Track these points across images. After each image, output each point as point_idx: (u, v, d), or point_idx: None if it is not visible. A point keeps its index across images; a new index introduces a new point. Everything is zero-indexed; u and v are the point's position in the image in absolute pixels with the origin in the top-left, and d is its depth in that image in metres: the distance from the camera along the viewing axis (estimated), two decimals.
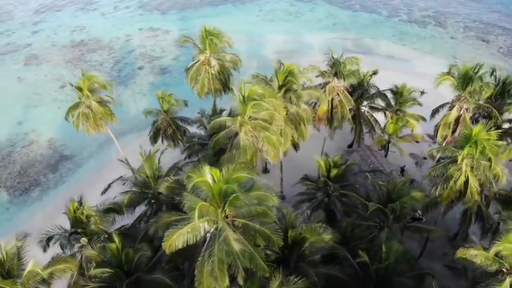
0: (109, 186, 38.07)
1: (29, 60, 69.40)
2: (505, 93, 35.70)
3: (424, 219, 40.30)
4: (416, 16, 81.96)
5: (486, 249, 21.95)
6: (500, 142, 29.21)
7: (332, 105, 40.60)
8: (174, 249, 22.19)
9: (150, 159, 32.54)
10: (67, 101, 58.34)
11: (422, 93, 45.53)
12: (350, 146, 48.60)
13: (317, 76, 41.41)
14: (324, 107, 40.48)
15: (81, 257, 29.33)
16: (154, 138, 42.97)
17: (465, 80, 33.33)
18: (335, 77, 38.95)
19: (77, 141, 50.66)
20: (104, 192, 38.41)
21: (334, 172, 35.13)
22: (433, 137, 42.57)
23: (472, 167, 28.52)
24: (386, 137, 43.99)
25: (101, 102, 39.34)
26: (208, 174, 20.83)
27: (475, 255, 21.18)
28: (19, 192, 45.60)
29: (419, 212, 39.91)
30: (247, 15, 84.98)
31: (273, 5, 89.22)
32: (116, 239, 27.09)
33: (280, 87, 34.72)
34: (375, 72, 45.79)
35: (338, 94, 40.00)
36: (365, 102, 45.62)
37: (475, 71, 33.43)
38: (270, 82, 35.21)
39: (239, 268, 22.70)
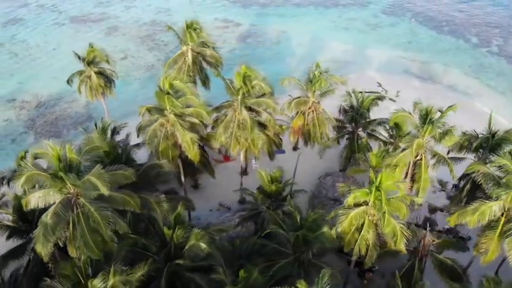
0: None
1: (109, 30, 78.24)
2: (487, 147, 29.86)
3: (376, 267, 36.40)
4: (511, 50, 70.72)
5: None
6: (418, 198, 25.00)
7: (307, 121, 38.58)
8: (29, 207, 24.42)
9: (102, 131, 35.32)
10: (119, 72, 65.16)
11: None
12: (342, 169, 45.25)
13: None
14: (297, 121, 38.70)
15: None
16: None
17: (425, 122, 28.78)
18: (311, 93, 36.91)
19: (108, 107, 56.15)
20: None
21: (271, 187, 33.94)
22: None
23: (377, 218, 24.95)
24: (367, 168, 39.95)
25: (100, 74, 43.40)
26: (49, 148, 22.41)
27: None
28: (42, 138, 52.68)
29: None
30: (324, 20, 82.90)
31: (356, 13, 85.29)
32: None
33: (237, 90, 34.32)
34: (379, 98, 42.15)
35: (313, 111, 37.83)
36: (370, 127, 42.34)
37: (443, 114, 28.64)
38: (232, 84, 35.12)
39: (77, 243, 24.03)
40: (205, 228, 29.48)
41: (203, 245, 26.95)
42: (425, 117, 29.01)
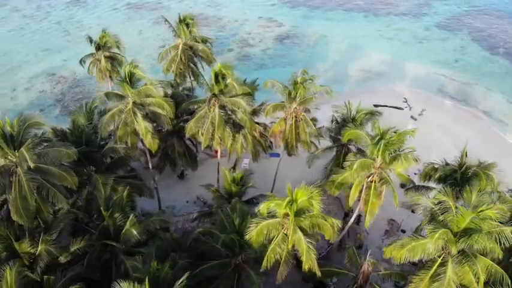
0: None
1: (158, 19, 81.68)
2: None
3: (332, 286, 35.19)
4: None
5: None
6: (337, 221, 23.57)
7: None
8: None
9: (88, 112, 37.81)
10: (154, 59, 68.36)
11: None
12: None
13: None
14: (278, 126, 38.18)
15: None
16: None
17: (376, 144, 27.04)
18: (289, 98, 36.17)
19: None
20: None
21: (233, 188, 34.07)
22: None
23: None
24: None
25: (110, 58, 46.02)
26: None
27: None
28: (65, 112, 57.23)
29: (333, 280, 34.90)
30: (369, 28, 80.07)
31: (407, 24, 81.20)
32: None
33: (211, 87, 34.72)
34: (371, 112, 40.05)
35: (293, 118, 37.05)
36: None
37: (397, 137, 26.66)
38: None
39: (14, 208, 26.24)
40: (149, 217, 30.59)
41: (134, 232, 28.07)
42: (377, 138, 27.26)
